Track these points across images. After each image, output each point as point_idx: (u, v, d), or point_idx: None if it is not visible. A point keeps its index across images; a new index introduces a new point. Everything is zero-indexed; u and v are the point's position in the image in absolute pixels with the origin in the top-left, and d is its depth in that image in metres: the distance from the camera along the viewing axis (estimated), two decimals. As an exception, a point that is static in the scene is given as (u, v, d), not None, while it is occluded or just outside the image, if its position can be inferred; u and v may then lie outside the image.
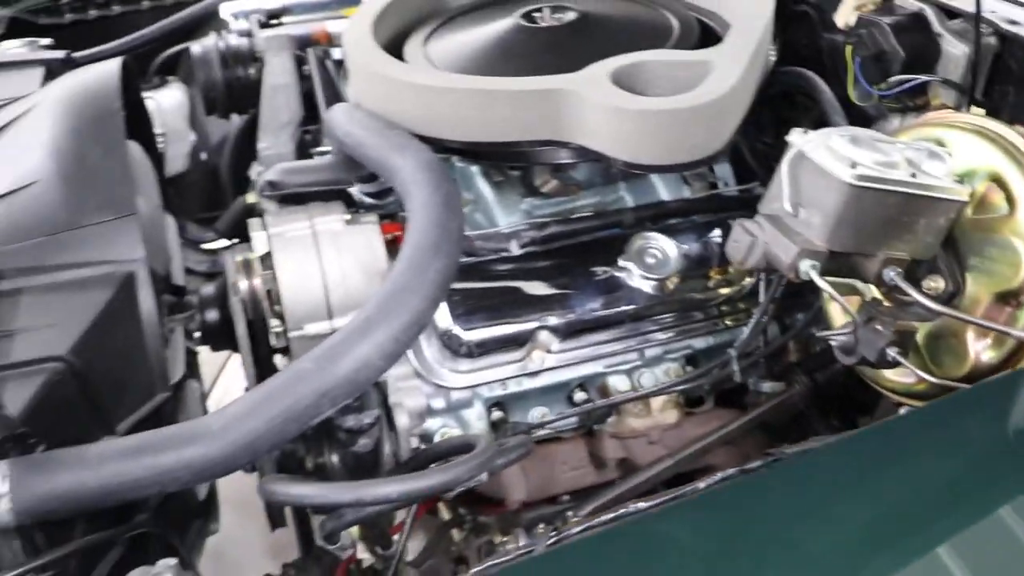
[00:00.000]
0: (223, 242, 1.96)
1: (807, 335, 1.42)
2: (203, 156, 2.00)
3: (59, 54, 1.66)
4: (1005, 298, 1.06)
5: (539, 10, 1.41)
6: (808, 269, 1.03)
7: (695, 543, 0.82)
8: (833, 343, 1.13)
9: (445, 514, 1.51)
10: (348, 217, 1.25)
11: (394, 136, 1.20)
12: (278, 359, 1.34)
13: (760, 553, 0.80)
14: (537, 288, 1.31)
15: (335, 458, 1.21)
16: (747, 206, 1.42)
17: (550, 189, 1.37)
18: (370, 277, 1.22)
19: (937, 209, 1.05)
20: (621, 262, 1.31)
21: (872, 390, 1.23)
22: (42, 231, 1.15)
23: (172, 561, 0.92)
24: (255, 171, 1.74)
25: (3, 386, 0.98)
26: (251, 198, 1.30)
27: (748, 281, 1.39)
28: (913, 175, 1.04)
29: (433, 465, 1.16)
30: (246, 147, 1.93)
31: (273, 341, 1.26)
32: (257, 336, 1.34)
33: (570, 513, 1.31)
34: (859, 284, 1.17)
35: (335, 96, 1.58)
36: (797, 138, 1.07)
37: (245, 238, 1.71)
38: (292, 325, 1.22)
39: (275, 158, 1.55)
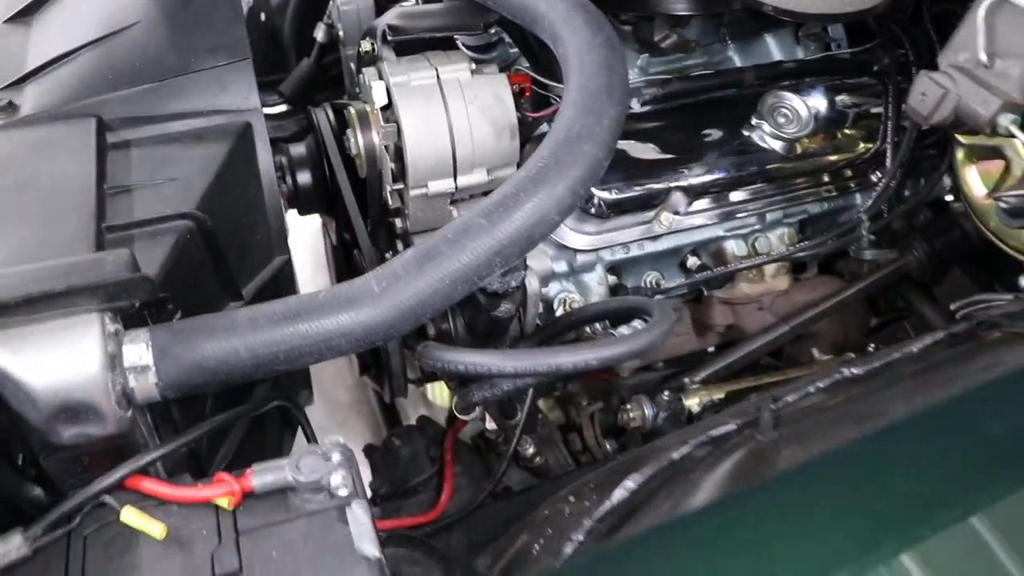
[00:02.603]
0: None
1: (914, 205, 1.26)
2: (262, 17, 1.73)
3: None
4: None
5: None
6: (1008, 124, 0.85)
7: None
8: (1002, 205, 0.96)
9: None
10: (474, 67, 1.03)
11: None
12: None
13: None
14: (663, 147, 1.11)
15: (460, 324, 1.03)
16: (863, 69, 1.24)
17: (668, 44, 1.16)
18: (499, 130, 1.02)
19: None
20: (754, 120, 1.11)
21: (998, 259, 1.07)
22: (149, 77, 0.93)
23: (339, 438, 0.74)
24: (320, 31, 1.51)
25: (132, 246, 0.77)
26: (364, 46, 1.07)
27: (864, 147, 1.20)
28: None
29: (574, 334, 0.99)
30: (310, 7, 1.67)
31: (389, 201, 1.06)
32: (364, 197, 1.14)
33: (686, 380, 1.16)
34: (1008, 150, 1.00)
35: None
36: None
37: (308, 102, 1.49)
38: (414, 182, 1.01)
39: (353, 13, 1.32)
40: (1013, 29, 0.84)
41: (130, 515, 0.69)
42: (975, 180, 1.07)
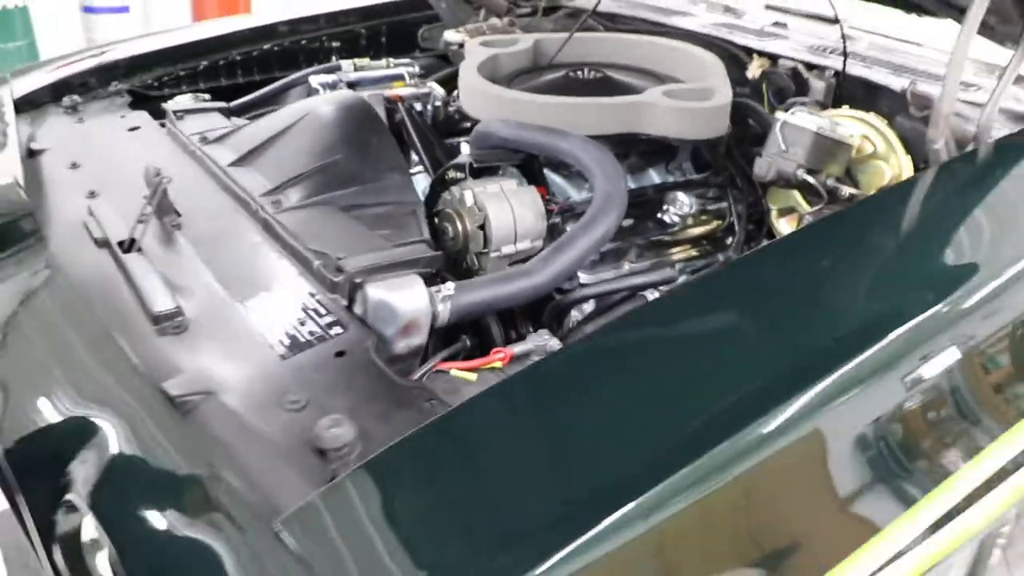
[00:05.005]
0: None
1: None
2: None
3: (221, 104, 2.11)
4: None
5: (580, 71, 2.11)
6: (803, 175, 1.78)
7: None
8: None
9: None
10: (517, 182, 1.84)
11: (551, 130, 1.82)
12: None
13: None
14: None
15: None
16: (706, 185, 2.18)
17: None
18: (536, 216, 1.80)
19: (846, 148, 1.85)
20: (665, 206, 2.00)
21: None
22: (358, 183, 1.65)
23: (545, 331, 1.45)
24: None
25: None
26: (451, 173, 1.83)
27: (716, 224, 2.12)
28: (835, 130, 1.83)
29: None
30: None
31: (475, 265, 1.79)
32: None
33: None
34: (795, 205, 1.96)
35: (424, 135, 2.15)
36: (781, 115, 1.83)
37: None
38: (495, 247, 1.76)
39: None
40: (792, 133, 1.79)
41: (455, 371, 1.35)
42: (785, 227, 2.01)
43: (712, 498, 0.99)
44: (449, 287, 1.41)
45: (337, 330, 1.32)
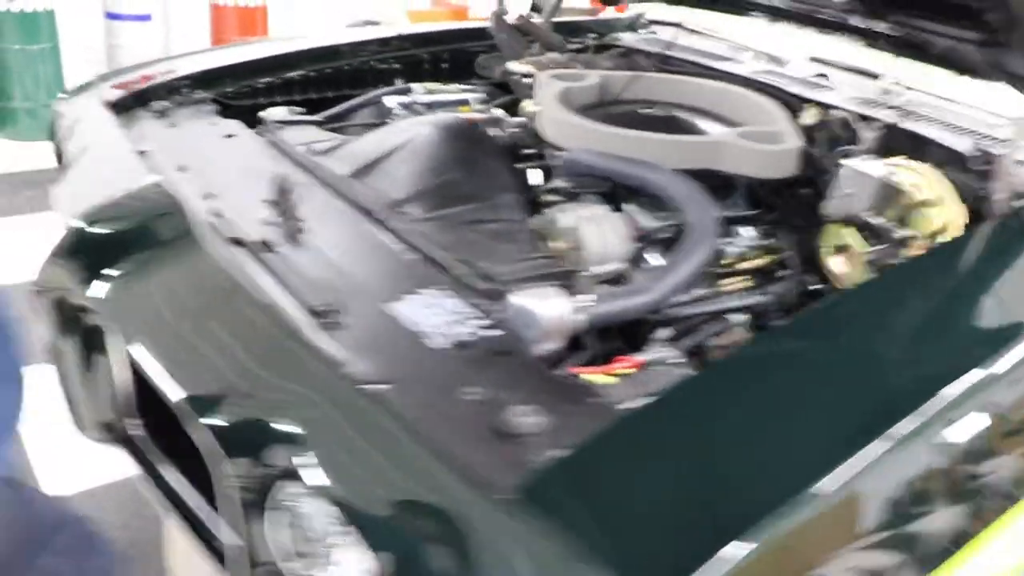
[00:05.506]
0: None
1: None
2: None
3: (316, 117, 2.24)
4: (933, 235, 2.08)
5: (651, 106, 2.29)
6: (868, 216, 1.97)
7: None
8: (868, 259, 2.08)
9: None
10: (604, 207, 2.00)
11: (642, 162, 1.98)
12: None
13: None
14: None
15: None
16: (757, 220, 2.36)
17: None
18: (622, 239, 1.96)
19: (903, 195, 2.05)
20: (729, 239, 2.17)
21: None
22: (471, 201, 1.79)
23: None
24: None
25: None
26: (547, 197, 1.98)
27: (769, 258, 2.30)
28: (894, 178, 2.03)
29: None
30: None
31: (564, 280, 1.94)
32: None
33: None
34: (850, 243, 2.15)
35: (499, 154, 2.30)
36: (846, 161, 2.03)
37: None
38: (588, 265, 1.91)
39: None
40: (859, 179, 1.98)
41: (594, 375, 1.49)
42: (837, 264, 2.20)
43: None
44: (588, 298, 1.56)
45: (491, 332, 1.45)
